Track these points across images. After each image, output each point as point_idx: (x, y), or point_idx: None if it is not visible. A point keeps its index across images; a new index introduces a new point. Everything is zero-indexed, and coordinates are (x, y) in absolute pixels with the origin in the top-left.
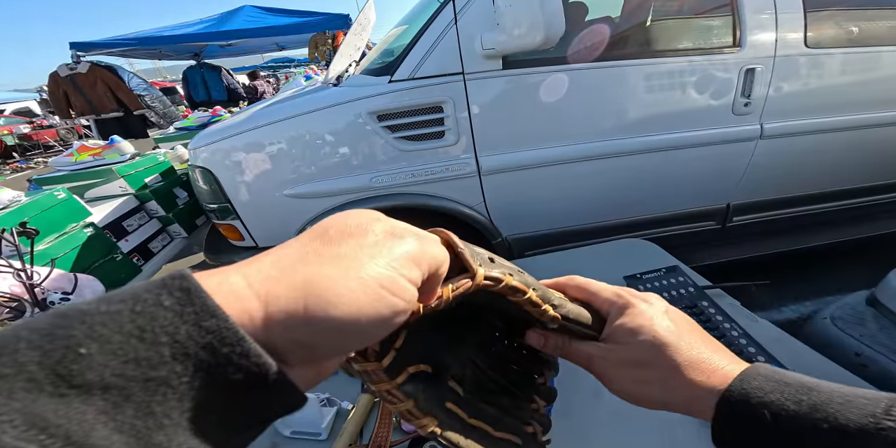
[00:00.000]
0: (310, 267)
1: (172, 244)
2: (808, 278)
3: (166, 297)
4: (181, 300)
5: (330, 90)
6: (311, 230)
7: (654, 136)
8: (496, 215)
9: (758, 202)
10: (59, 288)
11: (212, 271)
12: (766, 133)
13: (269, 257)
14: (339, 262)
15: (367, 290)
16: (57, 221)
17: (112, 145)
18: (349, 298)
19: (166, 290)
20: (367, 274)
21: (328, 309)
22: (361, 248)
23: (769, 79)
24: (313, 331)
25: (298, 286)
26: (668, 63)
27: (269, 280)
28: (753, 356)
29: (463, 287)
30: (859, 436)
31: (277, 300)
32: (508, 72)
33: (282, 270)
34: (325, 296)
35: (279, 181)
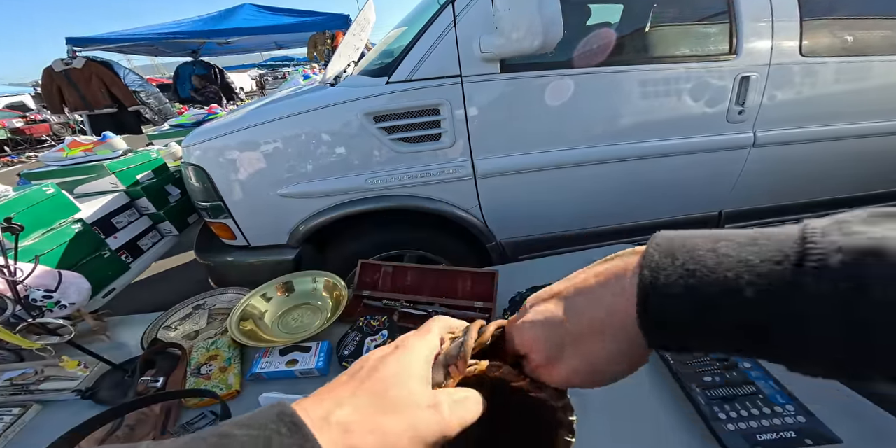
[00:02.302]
0: (364, 438)
1: (163, 242)
2: None
3: (282, 426)
4: (291, 430)
5: (327, 90)
6: (369, 378)
7: (648, 142)
8: (491, 219)
9: (750, 210)
10: (43, 285)
11: (309, 410)
12: (759, 141)
13: (342, 411)
14: (385, 437)
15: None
16: (44, 217)
17: (104, 141)
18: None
19: (282, 422)
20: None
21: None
22: (405, 425)
23: (763, 87)
24: None
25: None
26: (664, 70)
27: (339, 441)
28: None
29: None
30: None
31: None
32: (506, 75)
33: (345, 435)
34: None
35: (273, 180)
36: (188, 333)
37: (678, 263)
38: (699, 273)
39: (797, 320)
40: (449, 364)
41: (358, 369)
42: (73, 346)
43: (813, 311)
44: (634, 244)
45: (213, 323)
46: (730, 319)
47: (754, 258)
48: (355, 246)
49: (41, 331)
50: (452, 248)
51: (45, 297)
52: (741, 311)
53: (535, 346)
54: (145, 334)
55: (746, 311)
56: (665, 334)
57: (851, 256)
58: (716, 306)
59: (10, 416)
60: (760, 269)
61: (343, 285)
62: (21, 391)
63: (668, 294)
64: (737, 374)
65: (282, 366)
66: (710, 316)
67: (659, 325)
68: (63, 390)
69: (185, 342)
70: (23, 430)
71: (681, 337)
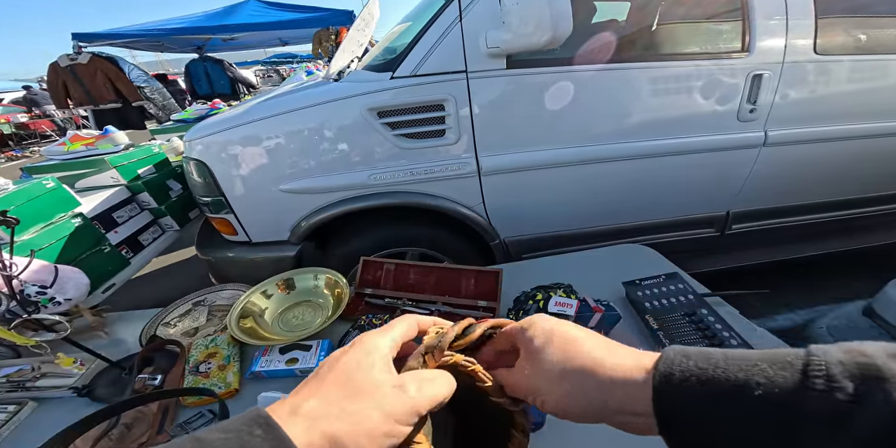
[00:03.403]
0: (333, 423)
1: (164, 237)
2: (805, 287)
3: (256, 428)
4: (266, 431)
5: (330, 85)
6: (333, 375)
7: (656, 140)
8: (495, 217)
9: (758, 210)
10: (39, 280)
11: (277, 410)
12: (770, 140)
13: (310, 403)
14: (354, 420)
15: (373, 439)
16: (44, 211)
17: (106, 135)
18: (358, 446)
19: (257, 424)
20: (375, 430)
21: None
22: (372, 406)
23: (776, 85)
24: None
25: (326, 438)
26: (674, 67)
27: (309, 430)
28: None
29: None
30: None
31: (312, 445)
32: (512, 71)
33: (315, 422)
34: (343, 444)
35: (275, 176)
36: (187, 330)
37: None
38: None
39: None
40: (427, 353)
41: (320, 369)
42: (70, 342)
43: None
44: (641, 244)
45: (212, 320)
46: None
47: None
48: (357, 243)
49: (37, 327)
50: (455, 247)
51: (39, 293)
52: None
53: (556, 354)
54: (144, 331)
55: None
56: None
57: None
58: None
59: (5, 413)
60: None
61: (345, 283)
62: (17, 388)
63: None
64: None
65: (282, 364)
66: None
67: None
68: (59, 387)
69: (183, 339)
70: (18, 428)
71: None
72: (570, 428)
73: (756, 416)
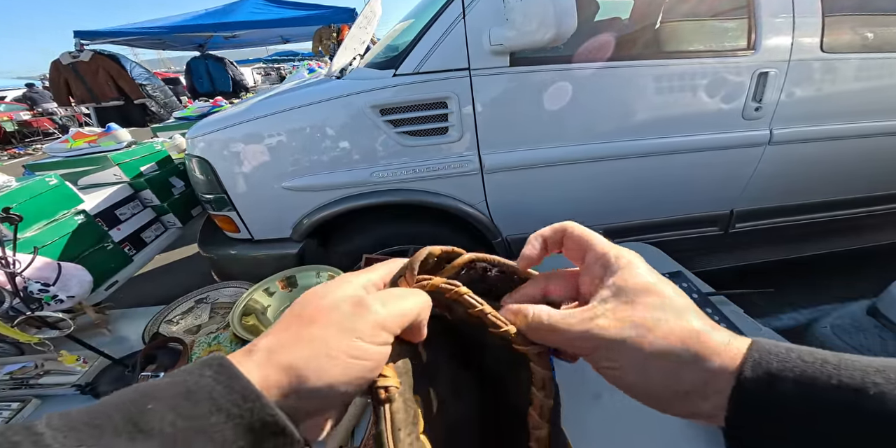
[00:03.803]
0: (289, 352)
1: (166, 234)
2: (809, 286)
3: (207, 369)
4: (217, 371)
5: (332, 82)
6: (290, 310)
7: (660, 138)
8: (497, 214)
9: (762, 209)
10: (42, 277)
11: (235, 354)
12: (776, 139)
13: (267, 339)
14: (311, 344)
15: (336, 363)
16: (47, 208)
17: (108, 133)
18: (322, 373)
19: (208, 365)
20: (335, 350)
21: (307, 384)
22: (330, 326)
23: (782, 83)
24: (301, 399)
25: (283, 369)
26: (679, 65)
27: (265, 364)
28: None
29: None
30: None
31: (268, 379)
32: (516, 69)
33: (270, 355)
34: (303, 374)
35: (277, 173)
36: (190, 328)
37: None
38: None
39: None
40: (399, 277)
41: (300, 311)
42: (73, 340)
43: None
44: (644, 242)
45: (215, 317)
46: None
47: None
48: (359, 241)
49: (41, 324)
50: (457, 245)
51: (42, 291)
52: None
53: (648, 313)
54: (147, 328)
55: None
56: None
57: None
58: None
59: (8, 410)
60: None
61: None
62: (21, 385)
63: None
64: None
65: None
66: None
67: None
68: (62, 385)
69: (186, 337)
70: None
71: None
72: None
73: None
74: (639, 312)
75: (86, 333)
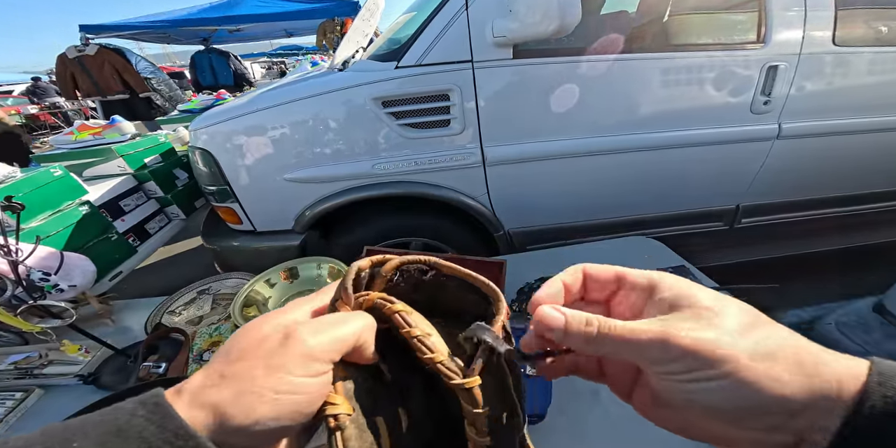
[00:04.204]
0: (215, 391)
1: (170, 226)
2: (815, 283)
3: (141, 408)
4: (151, 410)
5: (335, 75)
6: (222, 347)
7: (665, 132)
8: (499, 207)
9: (769, 204)
10: (45, 267)
11: (168, 392)
12: (784, 133)
13: (195, 379)
14: (236, 382)
15: (263, 400)
16: (52, 198)
17: (112, 125)
18: (249, 412)
19: (142, 404)
20: (260, 387)
21: (233, 423)
22: (256, 362)
23: (792, 77)
24: (231, 437)
25: (208, 409)
26: (686, 58)
27: (191, 404)
28: None
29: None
30: None
31: (195, 420)
32: (519, 61)
33: (195, 396)
34: (229, 413)
35: (279, 165)
36: (192, 319)
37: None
38: None
39: None
40: (336, 301)
41: (227, 351)
42: (75, 329)
43: None
44: (647, 236)
45: (217, 308)
46: None
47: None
48: (361, 233)
49: (43, 313)
50: (459, 237)
51: (43, 280)
52: None
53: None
54: (149, 319)
55: None
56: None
57: None
58: None
59: (12, 400)
60: None
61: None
62: (25, 375)
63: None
64: None
65: None
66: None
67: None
68: (66, 375)
69: (188, 328)
70: (25, 415)
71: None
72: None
73: None
74: (725, 320)
75: (89, 324)
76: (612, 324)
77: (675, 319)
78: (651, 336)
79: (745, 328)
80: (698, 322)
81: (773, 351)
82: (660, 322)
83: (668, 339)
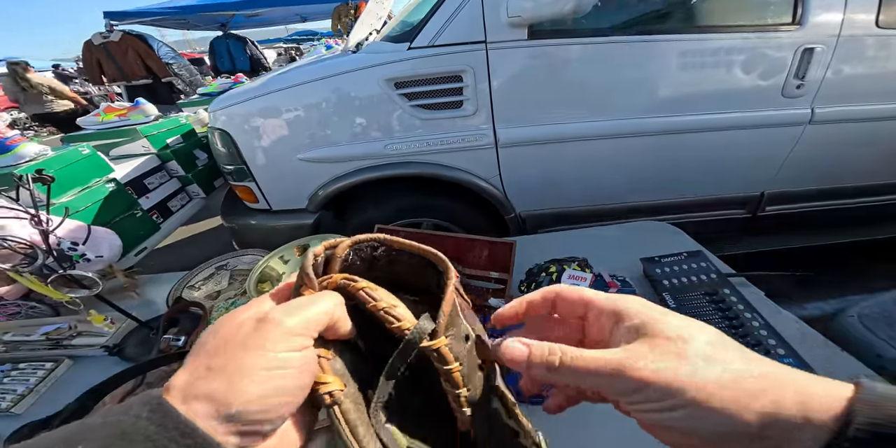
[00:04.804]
0: (204, 384)
1: (191, 204)
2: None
3: (143, 409)
4: (152, 410)
5: (348, 56)
6: (196, 344)
7: (687, 116)
8: (511, 190)
9: (796, 192)
10: (73, 237)
11: (162, 391)
12: (817, 118)
13: (178, 377)
14: (223, 372)
15: (254, 379)
16: (80, 176)
17: (137, 107)
18: (243, 395)
19: (145, 404)
20: (248, 369)
21: (230, 409)
22: (236, 348)
23: (829, 60)
24: (233, 422)
25: (204, 400)
26: (713, 40)
27: (185, 399)
28: (773, 348)
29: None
30: None
31: (196, 413)
32: (534, 42)
33: (186, 391)
34: (226, 401)
35: (294, 145)
36: (210, 293)
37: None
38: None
39: None
40: (300, 287)
41: (204, 343)
42: (102, 300)
43: None
44: (664, 222)
45: (233, 283)
46: None
47: None
48: (372, 212)
49: (72, 283)
50: (471, 219)
51: (71, 249)
52: None
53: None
54: (171, 293)
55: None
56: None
57: None
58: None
59: (43, 370)
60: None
61: None
62: (55, 346)
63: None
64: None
65: None
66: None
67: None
68: (92, 346)
69: (207, 302)
70: (54, 385)
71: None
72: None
73: None
74: (689, 348)
75: (115, 297)
76: (575, 354)
77: (638, 349)
78: (611, 368)
79: (710, 355)
80: (662, 352)
81: (741, 376)
82: (623, 352)
83: (625, 371)
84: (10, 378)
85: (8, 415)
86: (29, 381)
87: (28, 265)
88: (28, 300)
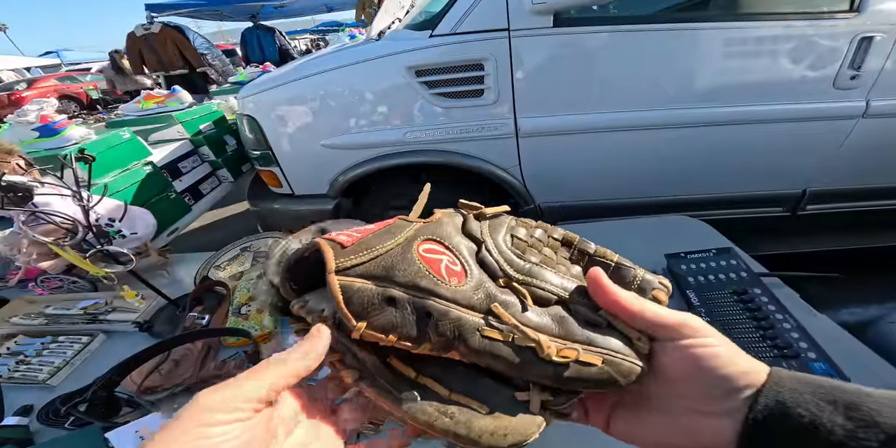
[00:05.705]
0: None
1: (220, 187)
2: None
3: None
4: None
5: (370, 44)
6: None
7: (724, 107)
8: (531, 180)
9: (842, 190)
10: (111, 215)
11: None
12: (872, 111)
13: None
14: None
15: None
16: (121, 158)
17: (173, 94)
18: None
19: None
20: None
21: None
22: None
23: (889, 49)
24: None
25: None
26: (759, 27)
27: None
28: (804, 352)
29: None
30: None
31: None
32: (560, 30)
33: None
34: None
35: (317, 131)
36: (234, 274)
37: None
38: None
39: None
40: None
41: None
42: (135, 277)
43: None
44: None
45: (256, 265)
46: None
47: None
48: (391, 200)
49: (108, 259)
50: None
51: (108, 225)
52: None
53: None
54: (198, 272)
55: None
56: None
57: None
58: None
59: (79, 344)
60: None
61: None
62: (92, 320)
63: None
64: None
65: None
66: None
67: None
68: (124, 321)
69: (230, 282)
70: (88, 358)
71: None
72: None
73: None
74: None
75: (147, 274)
76: (651, 306)
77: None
78: (675, 319)
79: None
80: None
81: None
82: (679, 312)
83: (689, 321)
84: (49, 350)
85: (44, 387)
86: (66, 354)
87: (69, 239)
88: (70, 275)
